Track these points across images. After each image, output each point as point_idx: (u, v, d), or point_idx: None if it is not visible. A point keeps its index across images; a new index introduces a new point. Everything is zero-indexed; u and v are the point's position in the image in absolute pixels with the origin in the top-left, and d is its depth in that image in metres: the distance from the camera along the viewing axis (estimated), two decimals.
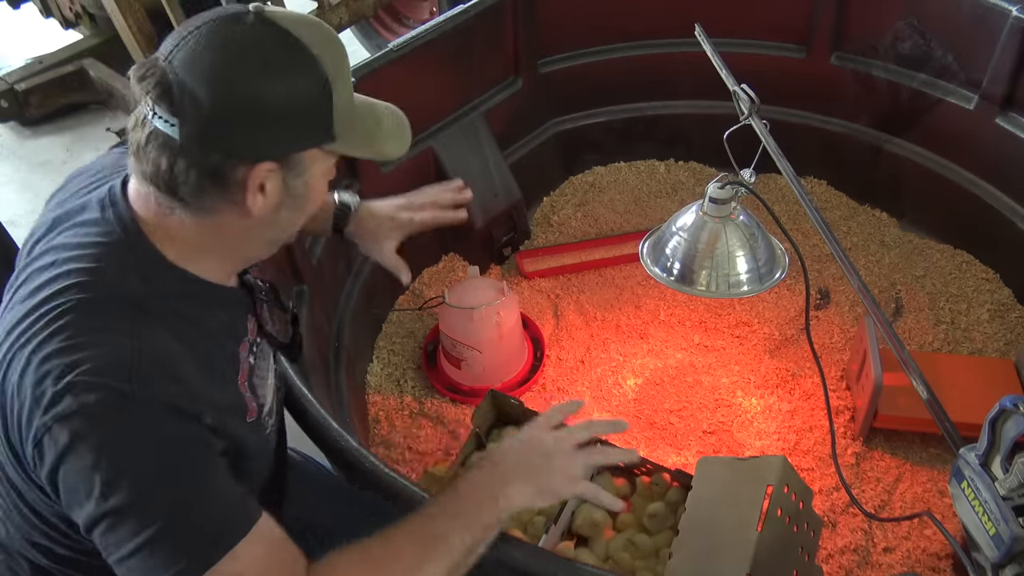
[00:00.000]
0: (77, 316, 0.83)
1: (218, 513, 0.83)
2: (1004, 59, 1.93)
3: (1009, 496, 1.19)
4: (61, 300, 0.84)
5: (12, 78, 3.16)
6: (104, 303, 0.85)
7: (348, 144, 0.91)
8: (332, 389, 1.71)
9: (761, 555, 1.32)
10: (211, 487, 0.84)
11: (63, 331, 0.82)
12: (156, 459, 0.81)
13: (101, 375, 0.80)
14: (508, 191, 2.26)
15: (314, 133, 0.87)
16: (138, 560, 0.80)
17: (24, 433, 0.82)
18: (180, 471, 0.82)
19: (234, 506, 0.85)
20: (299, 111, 0.85)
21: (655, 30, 2.36)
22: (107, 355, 0.81)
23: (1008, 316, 2.05)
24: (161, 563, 0.80)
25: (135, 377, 0.81)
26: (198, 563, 0.80)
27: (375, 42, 3.38)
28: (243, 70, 0.82)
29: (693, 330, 2.09)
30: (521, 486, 0.96)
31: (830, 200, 2.43)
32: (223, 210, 0.87)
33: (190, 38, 0.82)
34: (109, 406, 0.79)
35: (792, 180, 1.49)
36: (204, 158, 0.83)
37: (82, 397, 0.79)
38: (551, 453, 1.00)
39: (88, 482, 0.79)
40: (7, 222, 2.09)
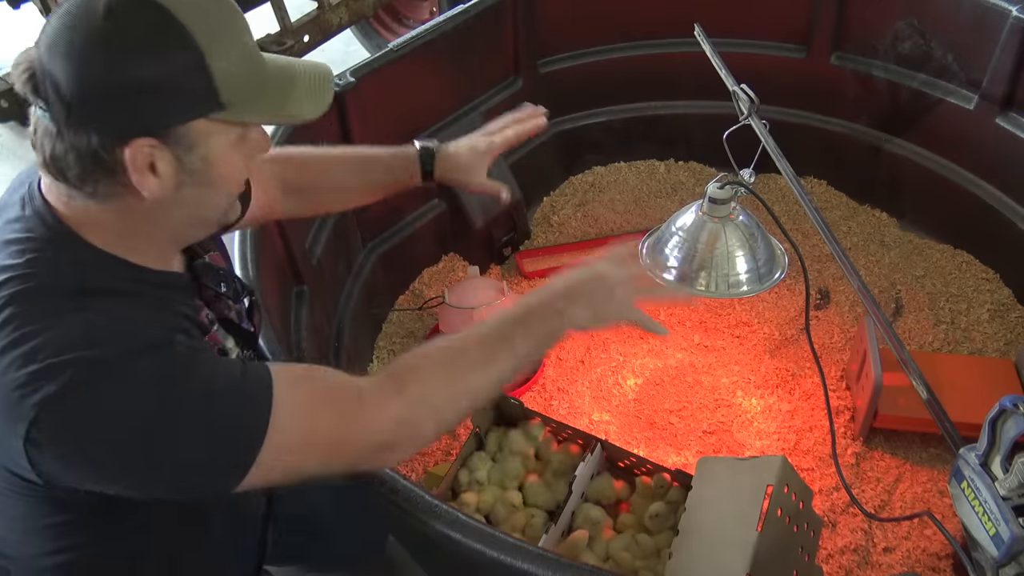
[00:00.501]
0: (19, 308, 0.81)
1: (235, 409, 0.84)
2: (1004, 59, 1.93)
3: (1009, 496, 1.19)
4: (7, 293, 0.82)
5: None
6: (42, 292, 0.83)
7: (246, 111, 0.85)
8: None
9: (761, 555, 1.32)
10: (216, 393, 0.84)
11: (8, 325, 0.81)
12: (155, 403, 0.80)
13: (65, 352, 0.79)
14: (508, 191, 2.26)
15: (192, 103, 0.82)
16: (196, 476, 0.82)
17: (8, 437, 0.80)
18: (181, 401, 0.81)
19: (245, 391, 0.85)
20: (165, 82, 0.80)
21: (655, 30, 2.36)
22: (62, 334, 0.80)
23: (1008, 316, 2.05)
24: (220, 465, 0.82)
25: (97, 341, 0.80)
26: (251, 442, 0.83)
27: (375, 42, 3.39)
28: (98, 46, 0.78)
29: (693, 330, 2.09)
30: (583, 309, 1.05)
31: (830, 200, 2.43)
32: (121, 194, 0.84)
33: (52, 19, 0.80)
34: (86, 376, 0.78)
35: (792, 180, 1.49)
36: (77, 140, 0.80)
37: (57, 378, 0.77)
38: (614, 286, 1.08)
39: (103, 453, 0.79)
40: None
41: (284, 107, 0.88)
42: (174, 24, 0.79)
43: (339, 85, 1.79)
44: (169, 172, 0.83)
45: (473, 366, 0.98)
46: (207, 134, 0.84)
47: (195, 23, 0.80)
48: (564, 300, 1.05)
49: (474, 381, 0.98)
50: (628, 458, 1.66)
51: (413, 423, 0.94)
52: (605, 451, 1.69)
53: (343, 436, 0.90)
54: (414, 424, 0.94)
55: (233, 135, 0.86)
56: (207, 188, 0.87)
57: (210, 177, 0.86)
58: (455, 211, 2.21)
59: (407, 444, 0.95)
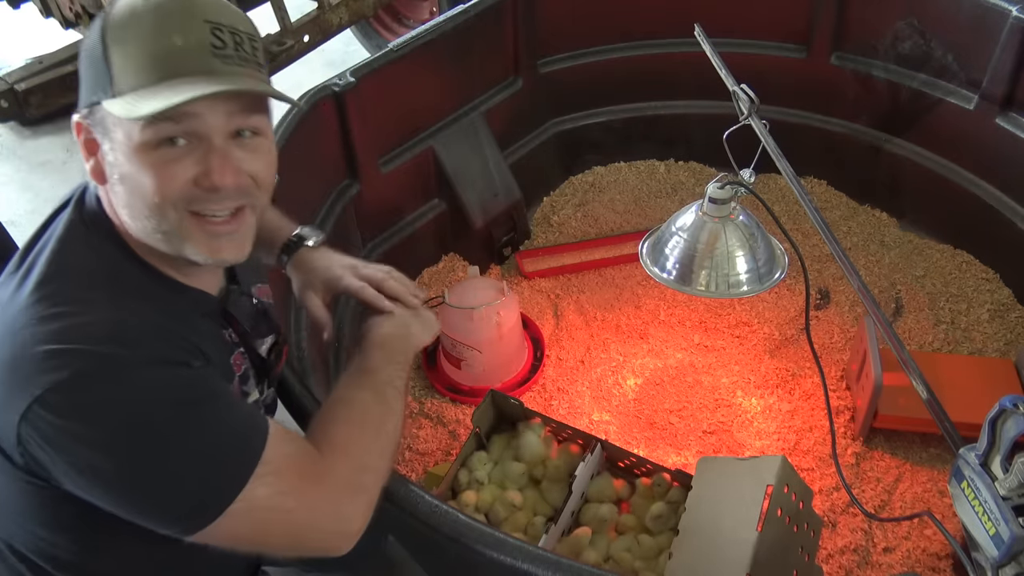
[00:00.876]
0: (56, 287, 0.83)
1: (236, 435, 0.85)
2: (1004, 59, 1.93)
3: (1009, 496, 1.19)
4: (42, 274, 0.84)
5: (12, 78, 3.16)
6: (80, 278, 0.86)
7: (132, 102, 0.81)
8: (332, 389, 1.71)
9: (761, 555, 1.32)
10: (221, 416, 0.85)
11: (44, 301, 0.82)
12: (161, 409, 0.81)
13: (88, 342, 0.79)
14: (508, 191, 2.27)
15: (97, 85, 0.83)
16: (170, 503, 0.82)
17: (6, 404, 0.80)
18: (188, 413, 0.82)
19: (247, 423, 0.88)
20: (85, 58, 0.85)
21: (655, 30, 2.36)
22: (92, 325, 0.81)
23: (1008, 316, 2.05)
24: (195, 499, 0.82)
25: (121, 340, 0.81)
26: (234, 482, 0.83)
27: (375, 42, 3.38)
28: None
29: (693, 330, 2.09)
30: (418, 332, 1.14)
31: (830, 200, 2.43)
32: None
33: None
34: (98, 371, 0.79)
35: (792, 180, 1.49)
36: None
37: (73, 364, 0.78)
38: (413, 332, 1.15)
39: (94, 445, 0.78)
40: (7, 222, 2.09)
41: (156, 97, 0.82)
42: (104, 11, 0.83)
43: (339, 85, 1.79)
44: (95, 156, 0.87)
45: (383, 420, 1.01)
46: (115, 122, 0.83)
47: (116, 13, 0.82)
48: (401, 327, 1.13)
49: (391, 428, 1.01)
50: (628, 458, 1.66)
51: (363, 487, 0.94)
52: (605, 451, 1.69)
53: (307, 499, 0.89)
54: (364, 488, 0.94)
55: (131, 129, 0.82)
56: (124, 185, 0.85)
57: (123, 172, 0.84)
58: (455, 211, 2.21)
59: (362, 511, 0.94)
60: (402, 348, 1.11)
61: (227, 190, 0.85)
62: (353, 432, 0.97)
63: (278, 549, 0.90)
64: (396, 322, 1.14)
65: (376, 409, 1.01)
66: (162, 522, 0.83)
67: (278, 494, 0.86)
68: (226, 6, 0.86)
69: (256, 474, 0.84)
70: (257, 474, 0.84)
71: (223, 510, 0.82)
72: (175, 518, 0.83)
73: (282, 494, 0.86)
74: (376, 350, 1.08)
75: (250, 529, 0.86)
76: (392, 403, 1.03)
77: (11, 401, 0.79)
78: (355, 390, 1.03)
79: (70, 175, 3.06)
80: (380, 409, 1.01)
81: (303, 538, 0.89)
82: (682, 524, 1.42)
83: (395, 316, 1.15)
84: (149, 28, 0.81)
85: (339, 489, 0.91)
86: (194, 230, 0.86)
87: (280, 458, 0.87)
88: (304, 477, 0.88)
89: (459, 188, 2.17)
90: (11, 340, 0.81)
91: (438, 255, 2.30)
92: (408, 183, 2.12)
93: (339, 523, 0.90)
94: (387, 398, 1.03)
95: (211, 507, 0.82)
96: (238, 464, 0.84)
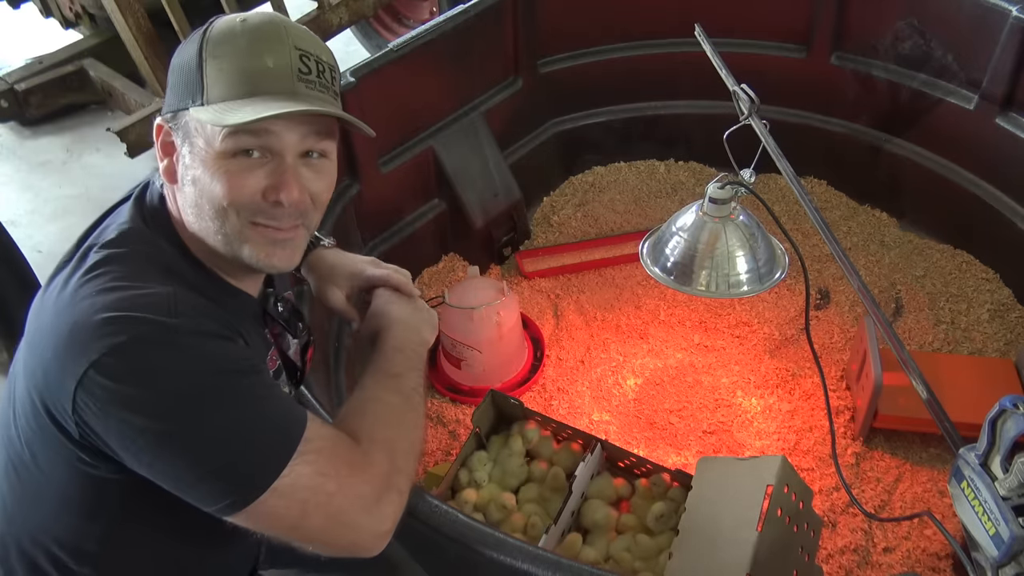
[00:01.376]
0: (116, 265, 0.88)
1: (281, 411, 0.87)
2: (1004, 59, 1.93)
3: (1009, 496, 1.19)
4: (100, 257, 0.89)
5: (12, 78, 3.16)
6: (139, 259, 0.90)
7: (221, 112, 0.88)
8: (332, 389, 1.71)
9: (761, 555, 1.32)
10: (267, 392, 0.88)
11: (102, 276, 0.87)
12: (213, 379, 0.83)
13: (145, 311, 0.83)
14: (508, 191, 2.27)
15: (187, 93, 0.90)
16: (218, 475, 0.83)
17: (63, 372, 0.82)
18: (239, 384, 0.85)
19: (290, 402, 0.90)
20: (178, 68, 0.91)
21: (655, 30, 2.36)
22: (148, 296, 0.85)
23: (1008, 316, 2.05)
24: (243, 473, 0.83)
25: (176, 312, 0.84)
26: (280, 457, 0.84)
27: (375, 42, 3.39)
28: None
29: (693, 330, 2.09)
30: (427, 330, 1.14)
31: (830, 200, 2.43)
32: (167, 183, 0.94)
33: None
34: (157, 337, 0.82)
35: (792, 180, 1.49)
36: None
37: (129, 330, 0.81)
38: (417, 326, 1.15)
39: (147, 410, 0.81)
40: (7, 222, 2.09)
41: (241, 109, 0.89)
42: (202, 32, 0.90)
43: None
44: (171, 159, 0.92)
45: (415, 426, 1.01)
46: (198, 128, 0.89)
47: (217, 33, 0.89)
48: (414, 332, 1.12)
49: (419, 436, 1.01)
50: (628, 458, 1.66)
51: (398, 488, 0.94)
52: (605, 451, 1.69)
53: (348, 484, 0.89)
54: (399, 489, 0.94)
55: (214, 137, 0.88)
56: (195, 187, 0.91)
57: (196, 175, 0.90)
58: (455, 211, 2.21)
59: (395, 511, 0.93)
60: (418, 348, 1.10)
61: (290, 206, 0.92)
62: (390, 432, 0.97)
63: (312, 537, 0.89)
64: (408, 308, 1.15)
65: (409, 416, 1.00)
66: (210, 494, 0.83)
67: (320, 475, 0.86)
68: (314, 38, 0.94)
69: (299, 451, 0.85)
70: (300, 451, 0.85)
71: (269, 484, 0.83)
72: (223, 490, 0.83)
73: (324, 475, 0.86)
74: (397, 354, 1.07)
75: (291, 510, 0.86)
76: (420, 410, 1.03)
77: (70, 367, 0.82)
78: (384, 392, 1.02)
79: (70, 175, 3.06)
80: (412, 416, 1.01)
81: (339, 529, 0.89)
82: (682, 524, 1.42)
83: (406, 302, 1.16)
84: (244, 47, 0.89)
85: (378, 482, 0.90)
86: (253, 235, 0.92)
87: (322, 439, 0.88)
88: (345, 463, 0.89)
89: (459, 188, 2.17)
90: (70, 311, 0.85)
91: (438, 255, 2.30)
92: (408, 183, 2.12)
93: (374, 519, 0.90)
94: (416, 405, 1.02)
95: (258, 480, 0.83)
96: (283, 438, 0.85)
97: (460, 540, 1.06)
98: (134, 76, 2.90)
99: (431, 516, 1.08)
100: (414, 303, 1.17)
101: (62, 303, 0.87)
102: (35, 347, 0.89)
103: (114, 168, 3.06)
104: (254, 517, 0.84)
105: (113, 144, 2.66)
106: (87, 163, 3.11)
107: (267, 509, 0.84)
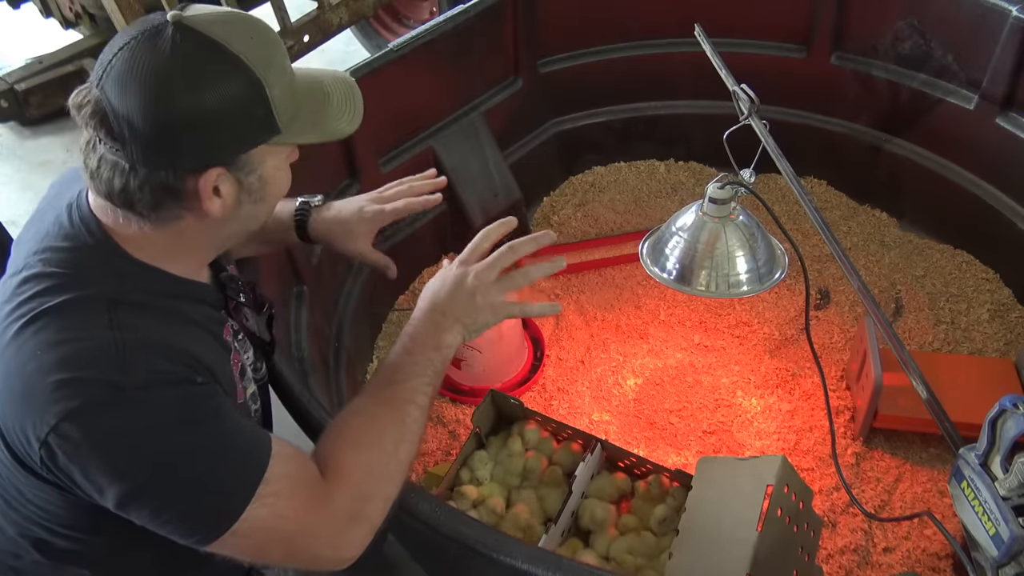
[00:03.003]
0: (58, 316, 0.85)
1: (239, 455, 0.87)
2: (1004, 59, 1.93)
3: (1009, 496, 1.19)
4: (39, 302, 0.86)
5: (12, 78, 3.16)
6: (80, 302, 0.86)
7: (296, 132, 0.90)
8: (332, 389, 1.71)
9: (761, 555, 1.32)
10: (225, 436, 0.87)
11: (47, 328, 0.84)
12: (168, 433, 0.84)
13: (91, 369, 0.82)
14: (508, 191, 2.27)
15: (255, 131, 0.87)
16: (181, 520, 0.85)
17: (25, 433, 0.84)
18: (194, 434, 0.85)
19: (251, 442, 0.89)
20: (234, 114, 0.84)
21: (655, 30, 2.36)
22: (93, 349, 0.83)
23: (1008, 316, 2.05)
24: (203, 517, 0.85)
25: (124, 364, 0.83)
26: (237, 503, 0.85)
27: (375, 42, 3.39)
28: (170, 87, 0.81)
29: (693, 330, 2.09)
30: (454, 332, 1.04)
31: (830, 200, 2.43)
32: (183, 216, 0.89)
33: (116, 61, 0.83)
34: (107, 398, 0.81)
35: (792, 180, 1.49)
36: (153, 176, 0.84)
37: (81, 394, 0.81)
38: (474, 291, 1.05)
39: (109, 471, 0.82)
40: (7, 222, 2.09)
41: (323, 126, 0.93)
42: (234, 59, 0.83)
43: None
44: (232, 194, 0.89)
45: (396, 442, 0.98)
46: (264, 156, 0.89)
47: (250, 54, 0.84)
48: (435, 334, 1.04)
49: (404, 453, 0.99)
50: (628, 458, 1.66)
51: (365, 516, 0.94)
52: (605, 451, 1.69)
53: (306, 525, 0.90)
54: (366, 517, 0.94)
55: (283, 154, 0.92)
56: (260, 204, 0.93)
57: (264, 194, 0.92)
58: (455, 211, 2.21)
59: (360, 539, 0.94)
60: (430, 353, 1.04)
61: None
62: (361, 458, 0.95)
63: (276, 564, 0.93)
64: (445, 300, 1.06)
65: (392, 432, 0.98)
66: (175, 533, 0.86)
67: (278, 517, 0.87)
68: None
69: (258, 494, 0.86)
70: (259, 494, 0.86)
71: (229, 527, 0.85)
72: (186, 531, 0.86)
73: (282, 517, 0.88)
74: (405, 357, 1.03)
75: (251, 546, 0.88)
76: (410, 425, 0.99)
77: (30, 428, 0.83)
78: (374, 404, 1.00)
79: None
80: (396, 432, 0.98)
81: (299, 559, 0.92)
82: (682, 524, 1.42)
83: (451, 286, 1.07)
84: (281, 60, 0.89)
85: (338, 518, 0.91)
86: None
87: (282, 479, 0.88)
88: (304, 503, 0.89)
89: (459, 188, 2.17)
90: (20, 370, 0.84)
91: (438, 255, 2.30)
92: None
93: (335, 550, 0.92)
94: (406, 419, 0.99)
95: (218, 522, 0.85)
96: (241, 483, 0.86)
97: (460, 540, 1.06)
98: None
99: (431, 516, 1.08)
100: (461, 288, 1.07)
101: (10, 358, 0.85)
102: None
103: None
104: (219, 548, 0.87)
105: None
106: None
107: (229, 545, 0.87)
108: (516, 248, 1.13)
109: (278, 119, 0.87)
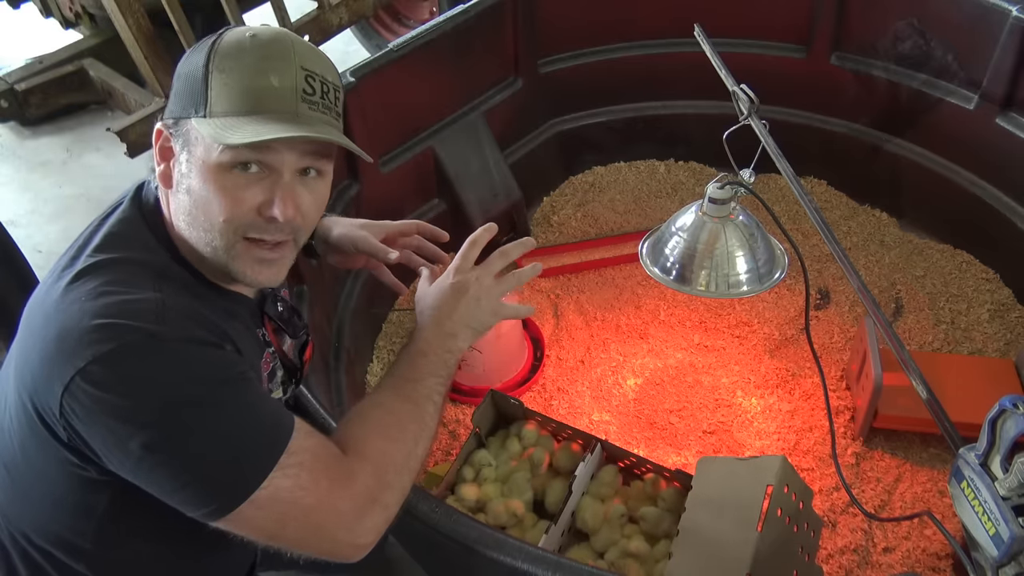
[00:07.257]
0: (107, 270, 0.88)
1: (266, 419, 0.87)
2: (1004, 59, 1.93)
3: (1009, 496, 1.19)
4: (92, 261, 0.89)
5: (12, 78, 3.16)
6: (131, 263, 0.90)
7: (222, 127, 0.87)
8: (332, 389, 1.71)
9: (761, 555, 1.32)
10: (253, 399, 0.88)
11: (93, 281, 0.87)
12: (199, 386, 0.84)
13: (133, 318, 0.83)
14: (508, 191, 2.27)
15: (190, 102, 0.90)
16: (201, 482, 0.83)
17: (50, 380, 0.83)
18: (224, 392, 0.85)
19: (277, 412, 0.89)
20: (185, 76, 0.91)
21: (655, 30, 2.36)
22: (136, 302, 0.85)
23: (1008, 316, 2.05)
24: (224, 481, 0.83)
25: (163, 319, 0.84)
26: (260, 467, 0.84)
27: (375, 42, 3.39)
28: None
29: (693, 330, 2.09)
30: (463, 336, 1.07)
31: (830, 200, 2.43)
32: (162, 187, 0.95)
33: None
34: (143, 345, 0.82)
35: (792, 180, 1.49)
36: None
37: (117, 338, 0.81)
38: (478, 295, 1.09)
39: (134, 418, 0.81)
40: (7, 222, 2.09)
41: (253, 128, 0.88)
42: (212, 42, 0.90)
43: None
44: (168, 160, 0.92)
45: (418, 436, 0.99)
46: (197, 138, 0.89)
47: (224, 44, 0.89)
48: (445, 337, 1.06)
49: (421, 449, 0.99)
50: (628, 458, 1.66)
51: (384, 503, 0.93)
52: (605, 451, 1.69)
53: (327, 500, 0.89)
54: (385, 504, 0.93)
55: (212, 150, 0.88)
56: (190, 197, 0.91)
57: (191, 185, 0.90)
58: (455, 211, 2.21)
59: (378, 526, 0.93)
60: (444, 355, 1.05)
61: (285, 222, 0.92)
62: (385, 445, 0.95)
63: (290, 545, 0.90)
64: (449, 304, 1.07)
65: (412, 427, 0.98)
66: (191, 502, 0.84)
67: (299, 488, 0.86)
68: (322, 57, 0.93)
69: (280, 464, 0.85)
70: (281, 464, 0.85)
71: (249, 494, 0.84)
72: (204, 498, 0.84)
73: (303, 489, 0.86)
74: (420, 357, 1.04)
75: (269, 521, 0.86)
76: (428, 421, 1.00)
77: (57, 372, 0.82)
78: (394, 399, 1.00)
79: (70, 175, 3.06)
80: (416, 427, 0.99)
81: (315, 539, 0.89)
82: (682, 524, 1.42)
83: (451, 291, 1.08)
84: (251, 64, 0.88)
85: (360, 499, 0.90)
86: (243, 253, 0.93)
87: (305, 451, 0.88)
88: (327, 477, 0.89)
89: (459, 188, 2.17)
90: (59, 316, 0.85)
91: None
92: (408, 183, 2.12)
93: (352, 533, 0.90)
94: (424, 415, 1.00)
95: (238, 490, 0.84)
96: (265, 449, 0.85)
97: (460, 540, 1.06)
98: (134, 76, 2.90)
99: (431, 516, 1.08)
100: (464, 294, 1.08)
101: (51, 307, 0.87)
102: (25, 349, 0.89)
103: (114, 168, 3.06)
104: (234, 524, 0.85)
105: (113, 144, 2.66)
106: (87, 163, 3.11)
107: (246, 518, 0.85)
108: (508, 252, 1.17)
109: (210, 104, 0.88)
